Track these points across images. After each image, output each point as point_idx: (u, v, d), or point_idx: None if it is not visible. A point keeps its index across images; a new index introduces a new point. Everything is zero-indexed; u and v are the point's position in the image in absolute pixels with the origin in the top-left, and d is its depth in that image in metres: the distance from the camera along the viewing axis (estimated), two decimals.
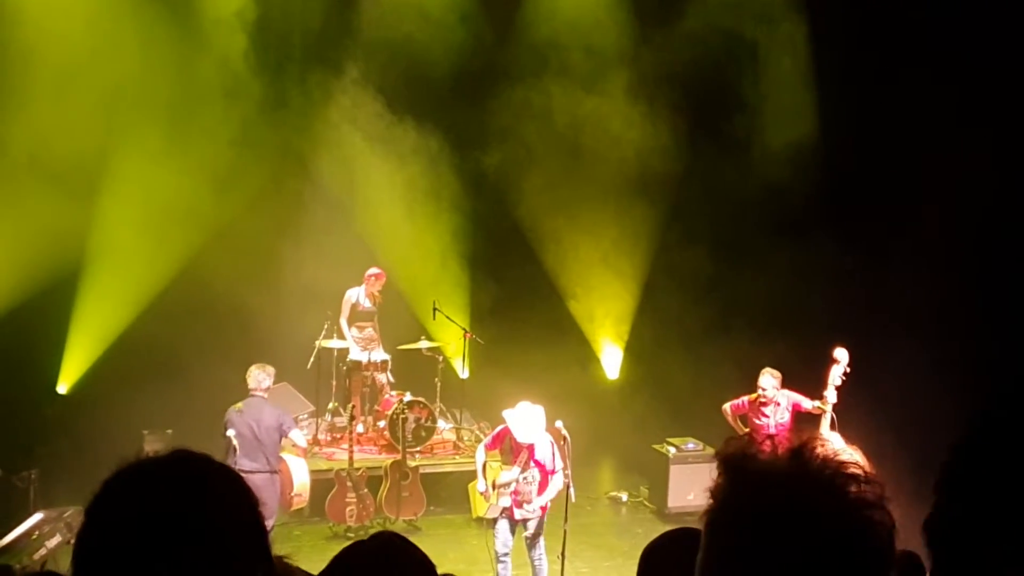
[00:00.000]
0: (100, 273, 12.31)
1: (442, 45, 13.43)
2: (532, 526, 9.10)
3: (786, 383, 9.67)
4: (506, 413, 9.01)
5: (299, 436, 9.81)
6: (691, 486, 11.37)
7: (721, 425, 10.01)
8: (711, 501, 1.57)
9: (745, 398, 9.84)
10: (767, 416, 9.64)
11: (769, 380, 9.63)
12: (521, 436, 8.82)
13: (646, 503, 12.21)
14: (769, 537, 1.49)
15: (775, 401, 9.63)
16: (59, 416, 11.77)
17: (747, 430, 9.74)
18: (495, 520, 9.18)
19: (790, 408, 9.61)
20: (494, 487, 9.07)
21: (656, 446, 11.99)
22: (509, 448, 9.03)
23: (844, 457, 1.54)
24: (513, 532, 9.15)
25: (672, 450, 11.77)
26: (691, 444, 11.84)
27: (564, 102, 13.72)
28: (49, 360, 12.39)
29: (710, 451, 11.63)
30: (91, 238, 12.27)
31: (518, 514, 9.01)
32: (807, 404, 9.41)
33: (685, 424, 12.14)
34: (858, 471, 1.52)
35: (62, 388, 12.47)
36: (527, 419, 8.86)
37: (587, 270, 14.18)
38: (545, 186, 13.94)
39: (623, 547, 10.76)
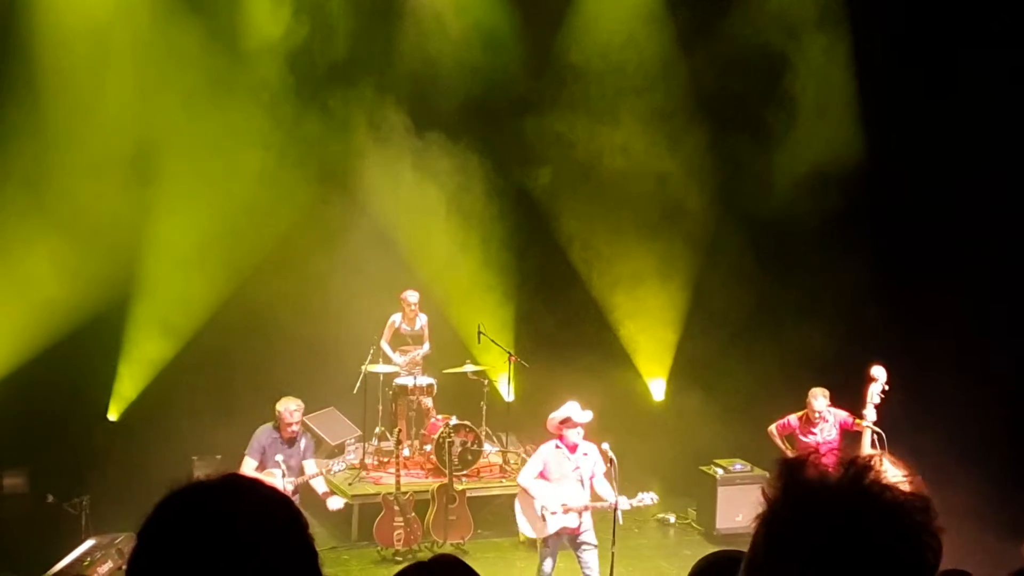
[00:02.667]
0: (148, 301, 12.46)
1: (482, 70, 13.52)
2: (583, 539, 9.09)
3: (835, 401, 9.65)
4: (554, 414, 9.11)
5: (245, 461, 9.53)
6: (739, 507, 11.26)
7: (768, 446, 9.93)
8: (768, 502, 1.58)
9: (792, 417, 9.80)
10: (815, 434, 9.59)
11: (820, 398, 9.60)
12: (579, 416, 8.98)
13: (694, 525, 12.11)
14: (826, 554, 1.50)
15: (823, 418, 9.60)
16: (110, 443, 11.88)
17: (793, 450, 9.66)
18: (545, 541, 9.17)
19: (837, 426, 9.58)
20: (549, 511, 9.04)
21: (703, 467, 11.90)
22: (557, 464, 9.06)
23: (906, 485, 1.55)
24: (555, 556, 9.15)
25: (719, 471, 11.68)
26: (738, 465, 11.74)
27: (610, 126, 13.69)
28: (99, 388, 12.55)
29: (758, 472, 11.53)
30: (139, 267, 12.42)
31: (572, 523, 9.03)
32: (852, 422, 9.40)
33: (732, 445, 12.05)
34: (920, 502, 1.53)
35: (112, 416, 12.61)
36: (577, 408, 9.08)
37: (631, 292, 14.10)
38: (589, 209, 13.92)
39: (672, 570, 10.70)
